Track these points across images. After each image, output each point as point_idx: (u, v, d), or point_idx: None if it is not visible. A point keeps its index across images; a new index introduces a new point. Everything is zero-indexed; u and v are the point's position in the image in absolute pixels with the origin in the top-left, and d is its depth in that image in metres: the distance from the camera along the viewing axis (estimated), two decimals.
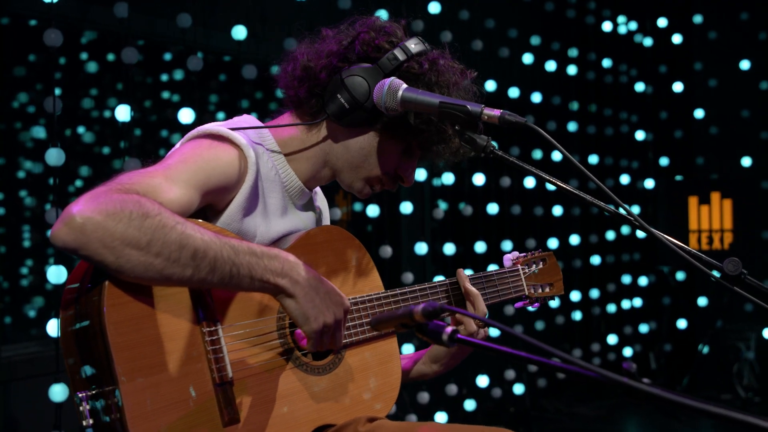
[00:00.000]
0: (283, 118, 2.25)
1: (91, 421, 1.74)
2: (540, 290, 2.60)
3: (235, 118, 2.17)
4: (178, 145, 2.05)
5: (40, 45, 3.59)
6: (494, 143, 2.02)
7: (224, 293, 1.91)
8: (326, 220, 2.47)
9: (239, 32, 4.59)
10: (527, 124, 1.87)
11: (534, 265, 2.59)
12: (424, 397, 5.42)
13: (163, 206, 1.74)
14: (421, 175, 5.46)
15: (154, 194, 1.78)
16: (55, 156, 3.52)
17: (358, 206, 6.04)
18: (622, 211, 1.91)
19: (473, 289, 2.36)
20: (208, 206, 2.00)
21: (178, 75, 5.23)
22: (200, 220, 1.91)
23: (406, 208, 5.39)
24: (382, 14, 5.05)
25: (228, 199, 1.99)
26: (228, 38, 4.66)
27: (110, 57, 4.95)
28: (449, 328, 1.44)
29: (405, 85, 2.05)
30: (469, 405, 5.91)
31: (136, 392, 1.72)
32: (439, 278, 2.43)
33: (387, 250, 5.06)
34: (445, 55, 2.20)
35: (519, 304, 2.60)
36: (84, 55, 5.07)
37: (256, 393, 1.93)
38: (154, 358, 1.76)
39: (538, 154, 6.70)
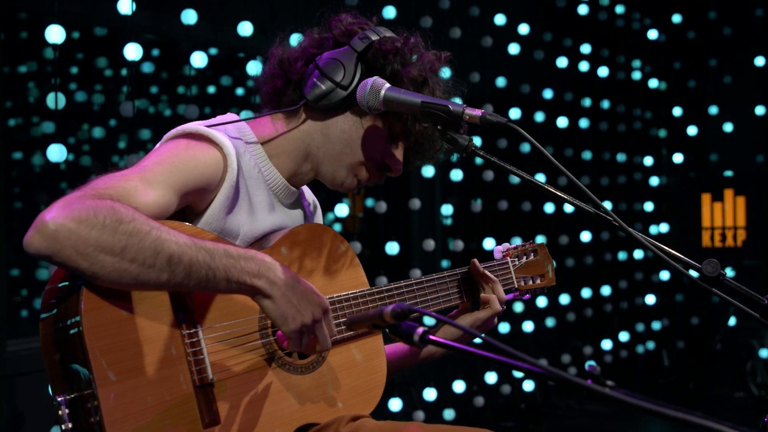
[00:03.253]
0: (264, 120, 2.23)
1: (70, 425, 1.73)
2: (530, 282, 2.59)
3: (218, 117, 2.16)
4: (157, 146, 2.03)
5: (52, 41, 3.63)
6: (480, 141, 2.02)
7: (205, 294, 1.89)
8: (318, 221, 2.44)
9: (246, 28, 4.61)
10: (508, 124, 1.87)
11: (525, 257, 2.58)
12: (431, 394, 5.42)
13: (138, 210, 1.73)
14: (429, 171, 5.46)
15: (129, 198, 1.77)
16: (56, 151, 3.55)
17: (369, 202, 6.05)
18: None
19: (492, 276, 2.39)
20: (188, 207, 1.98)
21: (188, 71, 5.25)
22: (177, 222, 1.89)
23: (416, 204, 5.39)
24: (391, 11, 5.06)
25: (208, 199, 1.98)
26: (236, 34, 4.68)
27: (121, 53, 4.99)
28: (420, 329, 1.44)
29: (388, 85, 2.04)
30: (478, 402, 5.89)
31: (115, 396, 1.71)
32: None
33: (396, 246, 5.06)
34: (417, 36, 2.21)
35: (509, 296, 2.58)
36: (94, 51, 5.11)
37: (238, 394, 1.92)
38: (133, 361, 1.75)
39: (549, 151, 6.67)
